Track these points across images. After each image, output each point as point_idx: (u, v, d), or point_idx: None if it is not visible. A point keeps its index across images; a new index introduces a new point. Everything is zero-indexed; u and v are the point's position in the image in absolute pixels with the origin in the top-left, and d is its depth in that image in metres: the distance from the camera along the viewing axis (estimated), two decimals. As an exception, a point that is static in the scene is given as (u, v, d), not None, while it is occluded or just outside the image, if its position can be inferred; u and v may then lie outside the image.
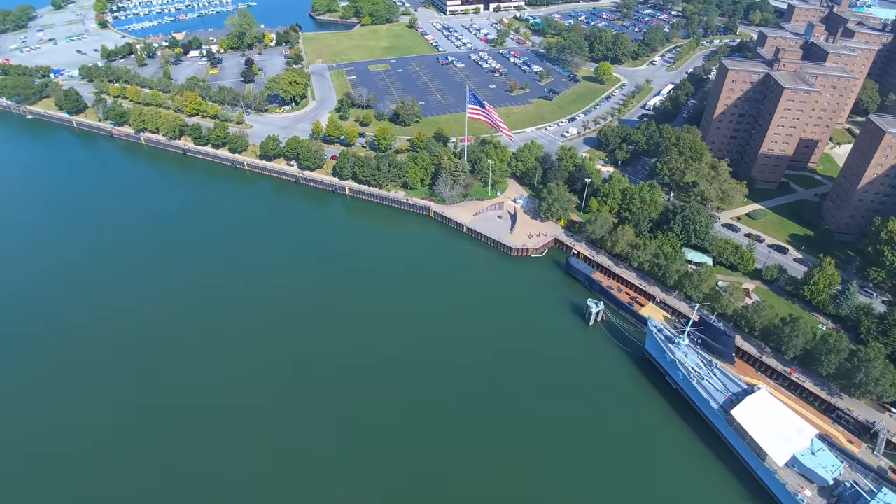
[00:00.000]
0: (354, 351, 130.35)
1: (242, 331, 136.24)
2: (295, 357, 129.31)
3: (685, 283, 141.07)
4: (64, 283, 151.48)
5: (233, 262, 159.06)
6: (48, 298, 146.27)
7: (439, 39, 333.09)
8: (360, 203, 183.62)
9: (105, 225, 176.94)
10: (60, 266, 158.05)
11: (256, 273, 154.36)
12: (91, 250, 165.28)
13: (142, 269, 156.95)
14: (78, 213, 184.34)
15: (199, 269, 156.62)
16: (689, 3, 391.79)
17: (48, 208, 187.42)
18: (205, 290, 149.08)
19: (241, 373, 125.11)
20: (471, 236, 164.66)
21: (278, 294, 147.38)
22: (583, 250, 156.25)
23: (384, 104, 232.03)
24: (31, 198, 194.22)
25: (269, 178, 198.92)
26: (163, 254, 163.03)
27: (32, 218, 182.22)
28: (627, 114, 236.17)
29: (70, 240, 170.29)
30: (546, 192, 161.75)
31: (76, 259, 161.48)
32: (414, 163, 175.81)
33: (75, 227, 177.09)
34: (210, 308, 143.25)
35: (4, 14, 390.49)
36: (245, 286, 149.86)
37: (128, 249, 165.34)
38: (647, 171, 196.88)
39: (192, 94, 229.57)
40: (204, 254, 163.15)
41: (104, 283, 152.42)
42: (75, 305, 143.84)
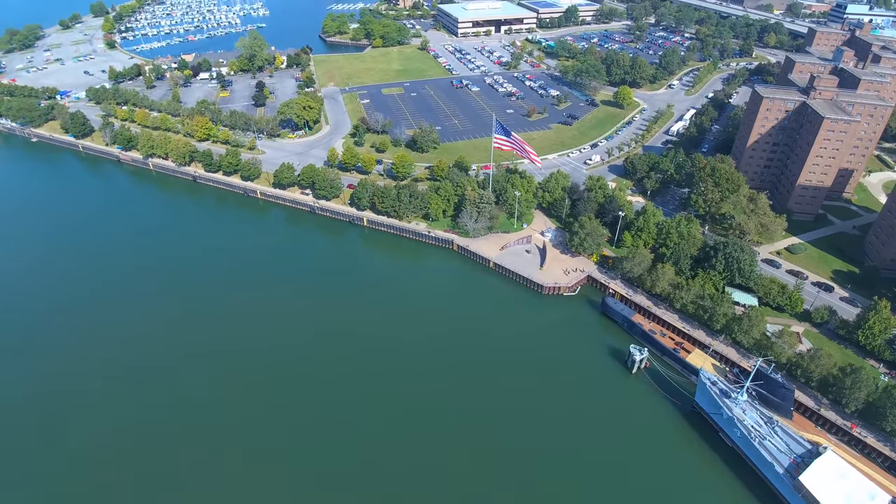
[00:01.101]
0: (371, 396, 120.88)
1: (254, 365, 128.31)
2: (308, 397, 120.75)
3: (734, 327, 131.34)
4: (65, 317, 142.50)
5: (245, 294, 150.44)
6: (49, 334, 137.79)
7: (452, 62, 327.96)
8: (379, 235, 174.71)
9: (110, 254, 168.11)
10: (62, 299, 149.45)
11: (269, 306, 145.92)
12: (95, 280, 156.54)
13: (149, 300, 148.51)
14: (82, 242, 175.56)
15: (210, 300, 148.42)
16: (703, 26, 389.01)
17: (51, 236, 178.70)
18: (216, 321, 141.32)
19: (250, 408, 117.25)
20: (497, 272, 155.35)
21: (292, 329, 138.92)
22: (619, 289, 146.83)
23: (400, 130, 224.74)
24: (35, 225, 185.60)
25: (282, 208, 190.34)
26: (171, 285, 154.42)
27: (34, 246, 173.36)
28: (651, 140, 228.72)
29: (73, 270, 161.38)
30: (577, 225, 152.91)
31: (79, 289, 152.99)
32: (436, 193, 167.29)
33: (79, 256, 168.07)
34: (221, 341, 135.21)
35: (12, 33, 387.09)
36: (257, 320, 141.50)
37: (134, 279, 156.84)
38: (677, 201, 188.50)
39: (203, 119, 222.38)
40: (215, 285, 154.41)
41: (108, 315, 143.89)
42: (76, 341, 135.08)
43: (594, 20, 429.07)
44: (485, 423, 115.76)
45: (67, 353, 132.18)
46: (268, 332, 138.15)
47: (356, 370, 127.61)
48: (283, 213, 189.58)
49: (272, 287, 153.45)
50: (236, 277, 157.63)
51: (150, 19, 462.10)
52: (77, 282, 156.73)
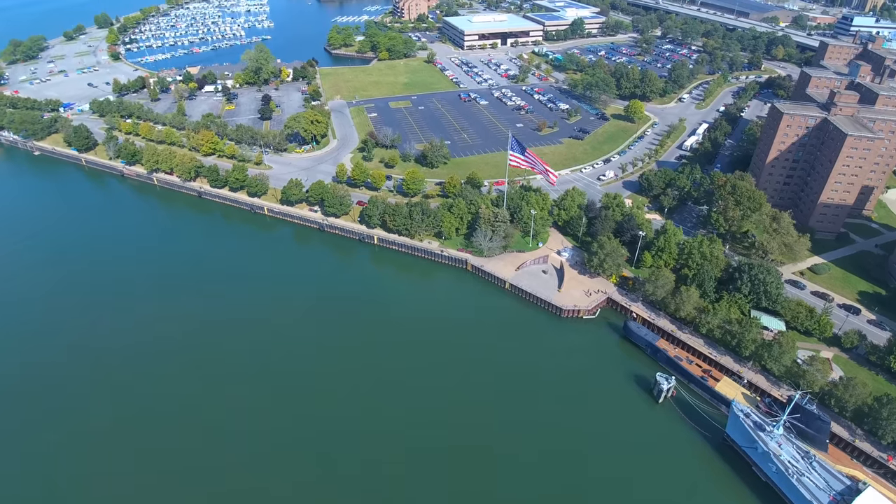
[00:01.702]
0: (383, 422, 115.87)
1: (260, 387, 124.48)
2: (315, 421, 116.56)
3: (763, 354, 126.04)
4: (64, 339, 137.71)
5: (251, 313, 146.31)
6: (49, 350, 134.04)
7: (459, 75, 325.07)
8: (390, 253, 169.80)
9: (112, 272, 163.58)
10: (60, 317, 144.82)
11: (277, 325, 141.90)
12: (97, 299, 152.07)
13: (153, 318, 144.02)
14: (85, 259, 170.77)
15: (215, 319, 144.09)
16: (710, 38, 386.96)
17: (52, 253, 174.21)
18: (221, 341, 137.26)
19: (254, 430, 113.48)
20: (514, 293, 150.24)
21: (299, 349, 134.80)
22: (640, 312, 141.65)
23: (409, 144, 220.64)
24: (36, 241, 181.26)
25: (290, 225, 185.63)
26: (175, 303, 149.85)
27: (35, 263, 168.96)
28: (664, 155, 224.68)
29: (75, 287, 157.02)
30: (596, 245, 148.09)
31: (81, 307, 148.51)
32: (449, 211, 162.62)
33: (81, 274, 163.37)
34: (226, 361, 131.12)
35: (15, 44, 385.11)
36: (264, 340, 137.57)
37: (138, 297, 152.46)
38: (695, 218, 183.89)
39: (209, 133, 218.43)
40: (220, 303, 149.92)
41: (109, 333, 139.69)
42: (75, 366, 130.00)
43: (600, 33, 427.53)
44: (503, 452, 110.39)
45: (67, 369, 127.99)
46: (275, 353, 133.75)
47: (366, 393, 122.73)
48: (290, 230, 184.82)
49: (279, 306, 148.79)
50: (242, 295, 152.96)
51: (154, 31, 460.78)
52: (78, 300, 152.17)
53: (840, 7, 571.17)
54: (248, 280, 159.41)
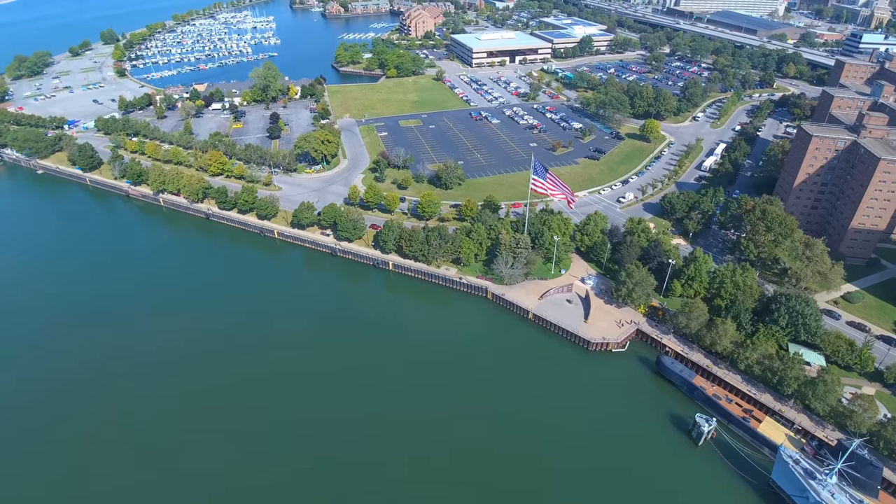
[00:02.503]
0: (399, 459, 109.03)
1: (267, 416, 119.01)
2: (325, 455, 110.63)
3: (807, 392, 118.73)
4: (62, 369, 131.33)
5: (260, 340, 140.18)
6: (45, 384, 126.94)
7: (469, 93, 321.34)
8: (405, 280, 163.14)
9: (116, 296, 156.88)
10: (59, 341, 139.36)
11: (286, 353, 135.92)
12: (96, 324, 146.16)
13: (158, 345, 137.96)
14: (86, 281, 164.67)
15: (222, 346, 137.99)
16: (720, 56, 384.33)
17: (52, 275, 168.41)
18: (228, 368, 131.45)
19: (259, 464, 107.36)
20: (537, 324, 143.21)
21: (310, 379, 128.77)
22: (672, 345, 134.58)
23: (423, 165, 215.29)
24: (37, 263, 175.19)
25: (301, 249, 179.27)
26: (181, 329, 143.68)
27: (35, 286, 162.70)
28: (683, 175, 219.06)
29: (77, 312, 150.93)
30: (624, 274, 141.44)
31: (77, 335, 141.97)
32: (468, 237, 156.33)
33: (83, 297, 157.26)
34: (232, 390, 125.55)
35: (20, 60, 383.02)
36: (273, 368, 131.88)
37: (142, 322, 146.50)
38: (720, 244, 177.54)
39: (217, 153, 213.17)
40: (228, 329, 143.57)
41: (111, 360, 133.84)
42: (74, 397, 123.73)
43: (608, 50, 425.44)
44: (530, 496, 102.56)
45: (67, 392, 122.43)
46: (284, 381, 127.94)
47: (381, 429, 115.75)
48: (301, 254, 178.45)
49: (289, 333, 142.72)
50: (251, 322, 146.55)
51: (160, 47, 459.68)
52: (79, 325, 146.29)
53: (846, 24, 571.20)
54: (258, 306, 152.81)
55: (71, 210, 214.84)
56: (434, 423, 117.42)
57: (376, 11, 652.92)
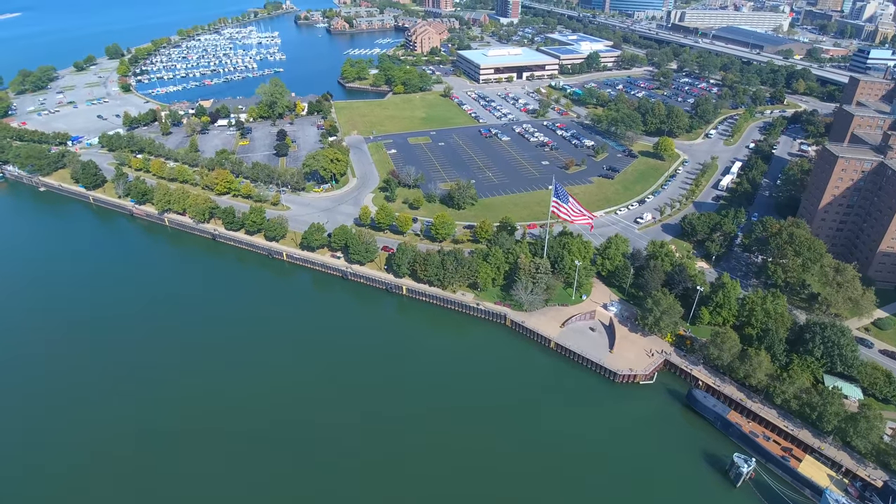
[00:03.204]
0: (404, 496, 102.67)
1: (268, 446, 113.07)
2: (333, 488, 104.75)
3: (847, 429, 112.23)
4: (61, 395, 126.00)
5: (268, 367, 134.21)
6: (44, 409, 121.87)
7: (477, 110, 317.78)
8: (420, 305, 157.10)
9: (119, 319, 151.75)
10: (56, 368, 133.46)
11: (295, 381, 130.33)
12: (101, 347, 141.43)
13: (161, 371, 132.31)
14: (87, 303, 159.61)
15: (228, 373, 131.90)
16: (728, 72, 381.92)
17: (52, 296, 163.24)
18: (234, 396, 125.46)
19: (264, 494, 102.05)
20: (560, 354, 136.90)
21: (318, 407, 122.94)
22: (703, 377, 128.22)
23: (434, 184, 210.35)
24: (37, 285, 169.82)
25: (310, 272, 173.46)
26: (185, 355, 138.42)
27: (35, 309, 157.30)
28: (700, 195, 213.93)
29: (78, 335, 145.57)
30: (651, 302, 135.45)
31: (76, 359, 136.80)
32: (485, 261, 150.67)
33: (84, 320, 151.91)
34: (237, 418, 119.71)
35: (24, 74, 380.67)
36: (281, 395, 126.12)
37: (145, 347, 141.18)
38: (744, 267, 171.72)
39: (224, 172, 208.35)
40: (235, 356, 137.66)
41: (112, 386, 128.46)
42: (70, 420, 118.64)
43: (615, 66, 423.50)
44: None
45: (67, 417, 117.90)
46: (290, 408, 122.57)
47: (391, 461, 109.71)
48: (310, 277, 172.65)
49: (298, 359, 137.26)
50: (258, 347, 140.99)
51: (165, 62, 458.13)
52: (78, 347, 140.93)
53: (850, 39, 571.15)
54: (266, 330, 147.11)
55: (73, 229, 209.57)
56: (449, 458, 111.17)
57: (381, 27, 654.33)
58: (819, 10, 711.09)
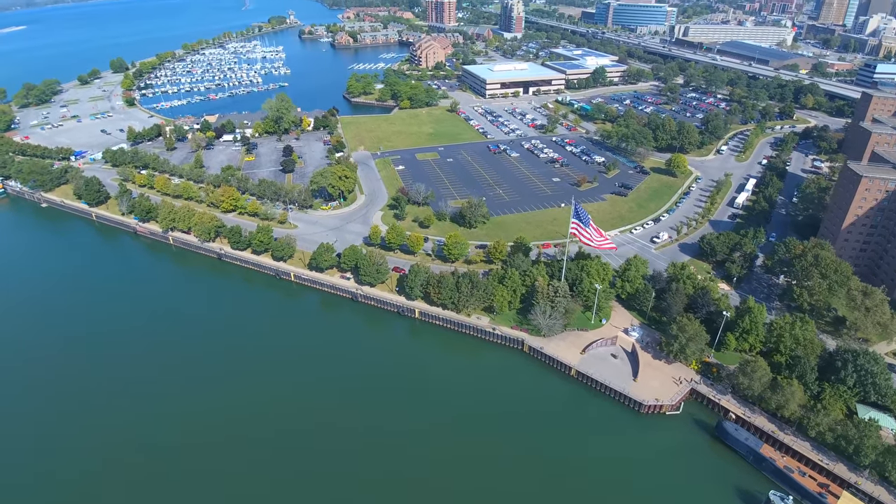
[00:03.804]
0: None
1: (271, 473, 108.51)
2: None
3: (886, 463, 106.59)
4: (64, 413, 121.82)
5: (273, 390, 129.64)
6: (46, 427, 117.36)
7: (485, 125, 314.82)
8: (433, 329, 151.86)
9: (120, 341, 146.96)
10: (54, 395, 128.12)
11: (300, 406, 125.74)
12: (102, 371, 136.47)
13: (162, 395, 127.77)
14: (88, 323, 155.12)
15: (231, 398, 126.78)
16: (736, 87, 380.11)
17: (52, 316, 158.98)
18: (235, 419, 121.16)
19: None
20: (581, 382, 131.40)
21: (323, 438, 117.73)
22: (732, 407, 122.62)
23: (444, 202, 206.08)
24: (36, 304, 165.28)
25: (319, 293, 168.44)
26: (188, 379, 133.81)
27: (34, 329, 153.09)
28: (716, 213, 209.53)
29: (78, 355, 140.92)
30: (675, 328, 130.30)
31: (75, 384, 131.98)
32: (501, 283, 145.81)
33: (85, 341, 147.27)
34: (236, 441, 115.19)
35: (28, 88, 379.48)
36: (284, 420, 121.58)
37: (147, 370, 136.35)
38: (765, 289, 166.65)
39: (230, 189, 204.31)
40: (240, 379, 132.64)
41: (112, 409, 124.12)
42: (69, 446, 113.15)
43: (622, 81, 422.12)
44: None
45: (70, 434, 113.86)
46: (297, 435, 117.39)
47: (402, 494, 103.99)
48: (319, 298, 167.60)
49: (305, 383, 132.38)
50: (266, 371, 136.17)
51: (170, 76, 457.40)
52: (77, 370, 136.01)
53: (854, 53, 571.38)
54: (273, 353, 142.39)
55: (75, 246, 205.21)
56: (466, 486, 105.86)
57: (385, 42, 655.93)
58: (822, 25, 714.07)
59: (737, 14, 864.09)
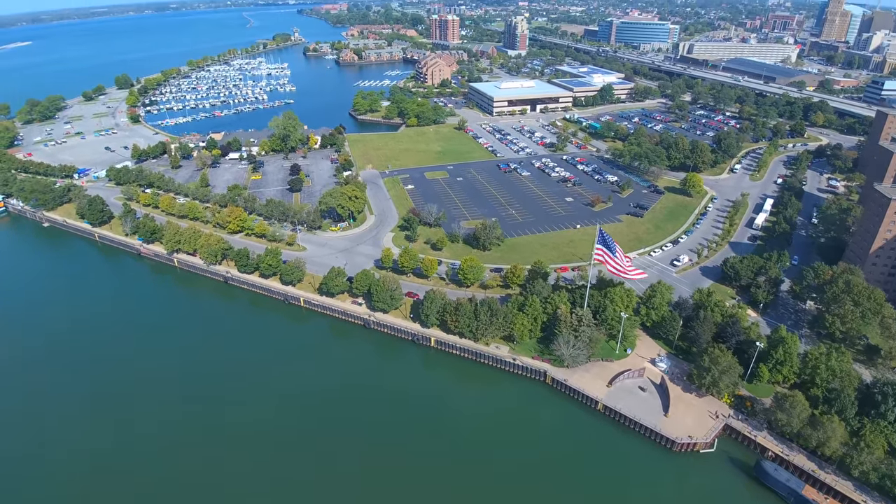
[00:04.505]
0: None
1: None
2: None
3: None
4: (49, 443, 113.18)
5: (280, 421, 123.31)
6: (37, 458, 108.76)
7: (493, 143, 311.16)
8: (449, 359, 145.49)
9: (122, 366, 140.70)
10: (52, 421, 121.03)
11: (309, 437, 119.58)
12: (98, 397, 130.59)
13: (165, 428, 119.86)
14: (88, 348, 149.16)
15: (235, 428, 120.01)
16: (745, 104, 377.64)
17: (51, 340, 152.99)
18: (240, 452, 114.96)
19: None
20: (608, 417, 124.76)
21: (333, 474, 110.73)
22: (769, 444, 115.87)
23: (456, 223, 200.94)
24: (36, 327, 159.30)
25: (329, 319, 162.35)
26: (192, 409, 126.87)
27: (33, 354, 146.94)
28: (735, 235, 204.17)
29: (78, 382, 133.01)
30: (707, 360, 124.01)
31: (83, 406, 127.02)
32: (521, 311, 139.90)
33: (81, 365, 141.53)
34: (240, 477, 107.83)
35: (32, 104, 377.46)
36: (292, 452, 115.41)
37: (150, 399, 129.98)
38: (792, 315, 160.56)
39: (237, 209, 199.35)
40: (244, 408, 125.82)
41: (107, 441, 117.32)
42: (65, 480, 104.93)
43: (629, 98, 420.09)
44: None
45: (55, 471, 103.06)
46: (305, 469, 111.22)
47: None
48: (328, 324, 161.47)
49: (314, 414, 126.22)
50: (274, 399, 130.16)
51: (175, 93, 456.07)
52: (75, 401, 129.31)
53: (858, 70, 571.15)
54: (280, 380, 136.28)
55: (77, 267, 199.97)
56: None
57: (389, 59, 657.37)
58: (825, 42, 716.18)
59: (738, 31, 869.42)
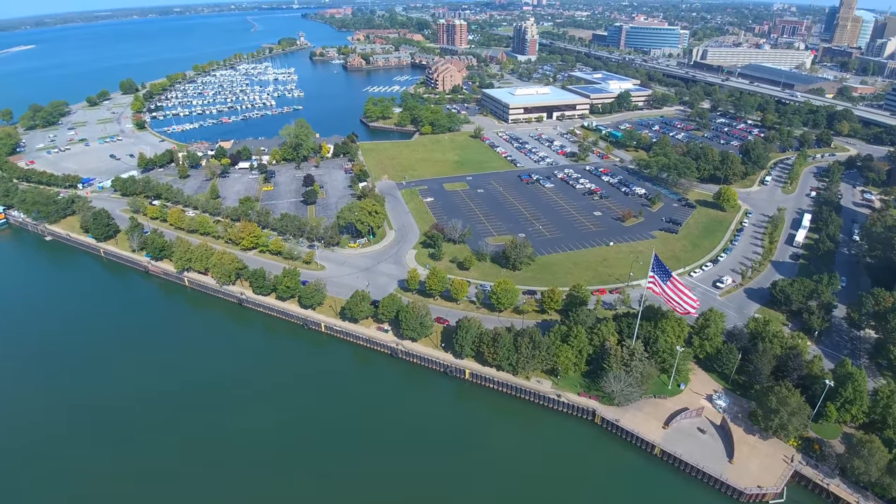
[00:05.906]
0: None
1: None
2: None
3: None
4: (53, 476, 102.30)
5: (298, 467, 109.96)
6: None
7: (512, 152, 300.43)
8: (484, 393, 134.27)
9: (124, 393, 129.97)
10: (48, 452, 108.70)
11: (327, 475, 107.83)
12: (99, 425, 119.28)
13: (168, 461, 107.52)
14: (90, 371, 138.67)
15: (246, 465, 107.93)
16: (766, 112, 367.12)
17: (51, 363, 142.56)
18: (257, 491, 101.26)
19: None
20: (666, 462, 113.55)
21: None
22: (843, 494, 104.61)
23: (482, 239, 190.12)
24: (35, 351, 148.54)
25: (352, 346, 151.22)
26: (197, 445, 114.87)
27: (30, 379, 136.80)
28: (776, 253, 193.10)
29: (71, 415, 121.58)
30: (775, 400, 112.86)
31: (86, 437, 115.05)
32: (566, 343, 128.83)
33: (83, 389, 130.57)
34: None
35: (35, 110, 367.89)
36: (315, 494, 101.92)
37: (154, 431, 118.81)
38: (848, 343, 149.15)
39: (250, 225, 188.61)
40: (259, 450, 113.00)
41: (107, 472, 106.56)
42: None
43: (646, 105, 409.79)
44: None
45: None
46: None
47: None
48: (351, 352, 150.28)
49: (339, 451, 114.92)
50: (292, 434, 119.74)
51: (181, 98, 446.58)
52: (81, 429, 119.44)
53: (874, 76, 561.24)
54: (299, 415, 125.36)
55: (81, 285, 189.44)
56: None
57: (397, 64, 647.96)
58: (836, 47, 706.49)
59: (748, 36, 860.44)
